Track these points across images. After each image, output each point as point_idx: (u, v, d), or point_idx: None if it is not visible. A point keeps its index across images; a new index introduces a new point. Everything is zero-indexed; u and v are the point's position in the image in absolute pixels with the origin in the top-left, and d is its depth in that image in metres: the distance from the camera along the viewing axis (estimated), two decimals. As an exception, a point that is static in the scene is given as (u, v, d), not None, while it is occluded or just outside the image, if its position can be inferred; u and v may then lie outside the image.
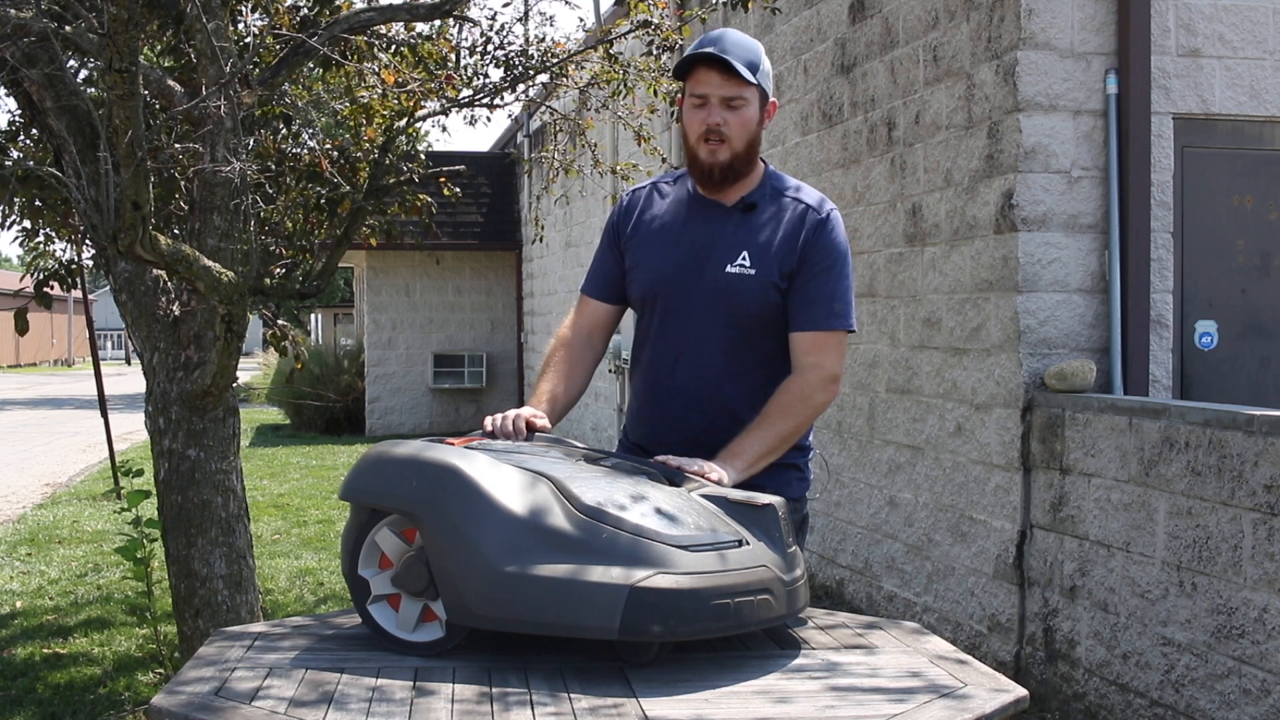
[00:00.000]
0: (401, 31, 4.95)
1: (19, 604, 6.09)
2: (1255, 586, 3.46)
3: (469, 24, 4.89)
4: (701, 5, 5.57)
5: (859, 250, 5.85)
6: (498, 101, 4.92)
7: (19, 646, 5.23)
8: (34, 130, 4.49)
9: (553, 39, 5.06)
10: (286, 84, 4.88)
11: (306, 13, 4.66)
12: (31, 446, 14.38)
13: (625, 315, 2.60)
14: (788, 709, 1.62)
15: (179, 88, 4.05)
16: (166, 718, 1.58)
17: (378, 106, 4.65)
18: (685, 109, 2.37)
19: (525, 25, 5.23)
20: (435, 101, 4.75)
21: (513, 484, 1.79)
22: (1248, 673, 3.49)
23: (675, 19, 5.28)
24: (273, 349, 5.29)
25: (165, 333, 3.98)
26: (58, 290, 5.10)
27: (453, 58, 4.96)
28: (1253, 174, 4.77)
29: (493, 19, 5.09)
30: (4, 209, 4.75)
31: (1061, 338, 4.56)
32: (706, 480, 2.05)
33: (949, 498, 5.07)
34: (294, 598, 6.08)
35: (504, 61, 4.97)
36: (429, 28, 5.14)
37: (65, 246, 5.37)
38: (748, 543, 1.83)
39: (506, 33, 5.01)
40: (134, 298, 4.01)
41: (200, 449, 3.95)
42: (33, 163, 4.61)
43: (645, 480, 1.93)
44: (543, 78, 5.18)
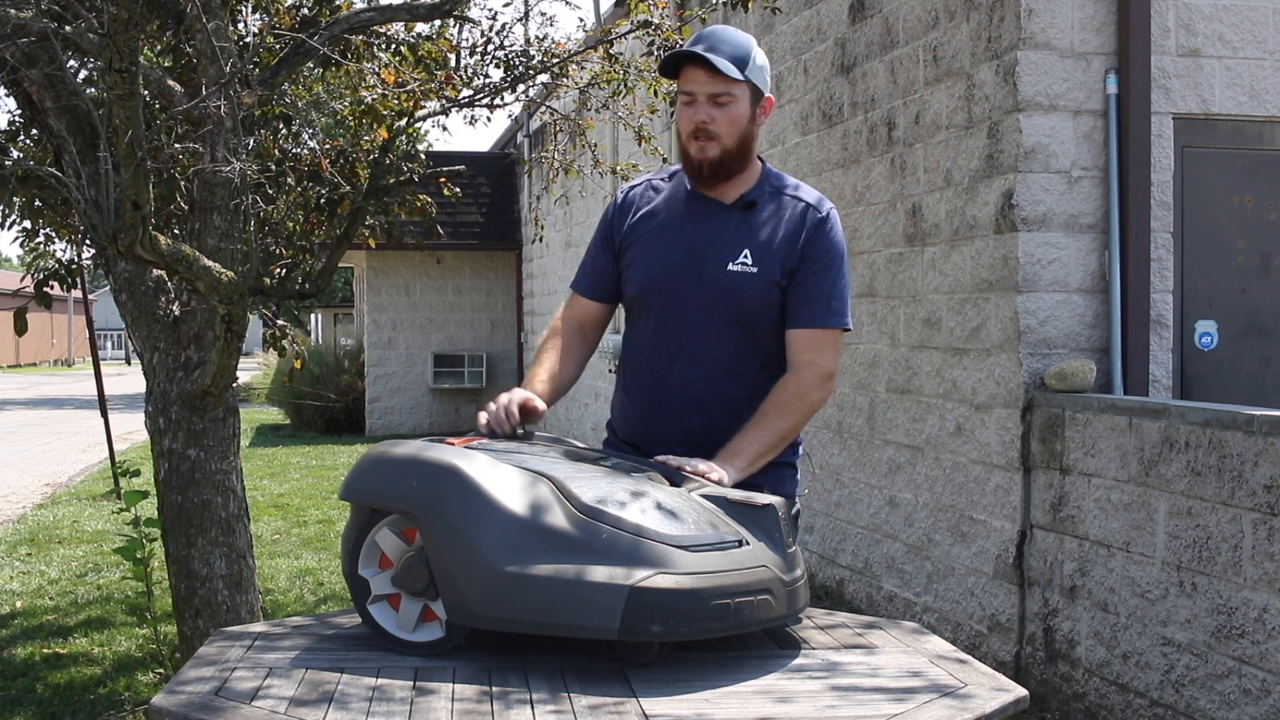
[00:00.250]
0: (401, 31, 4.95)
1: (19, 604, 6.09)
2: (1255, 586, 3.46)
3: (469, 24, 4.89)
4: (701, 5, 5.57)
5: (859, 250, 5.85)
6: (498, 101, 4.92)
7: (19, 646, 5.23)
8: (34, 130, 4.49)
9: (553, 39, 5.06)
10: (286, 84, 4.88)
11: (307, 13, 4.66)
12: (31, 446, 14.38)
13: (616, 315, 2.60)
14: (788, 709, 1.62)
15: (179, 88, 4.05)
16: (166, 718, 1.58)
17: (380, 107, 4.65)
18: (678, 107, 2.38)
19: (525, 25, 5.23)
20: (435, 101, 4.75)
21: (513, 484, 1.79)
22: (1248, 673, 3.49)
23: (675, 19, 5.28)
24: (273, 349, 5.29)
25: (165, 333, 3.98)
26: (58, 290, 5.10)
27: (453, 58, 4.96)
28: (1253, 174, 4.77)
29: (493, 19, 5.09)
30: (4, 209, 4.75)
31: (1061, 338, 4.56)
32: (707, 480, 2.05)
33: (949, 498, 5.07)
34: (294, 598, 6.08)
35: (504, 61, 4.97)
36: (429, 28, 5.14)
37: (65, 246, 5.37)
38: (748, 543, 1.83)
39: (507, 33, 5.01)
40: (134, 298, 4.01)
41: (200, 449, 3.95)
42: (33, 163, 4.61)
43: (645, 480, 1.93)
44: (543, 78, 5.18)
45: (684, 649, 1.84)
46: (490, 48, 5.00)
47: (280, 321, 5.04)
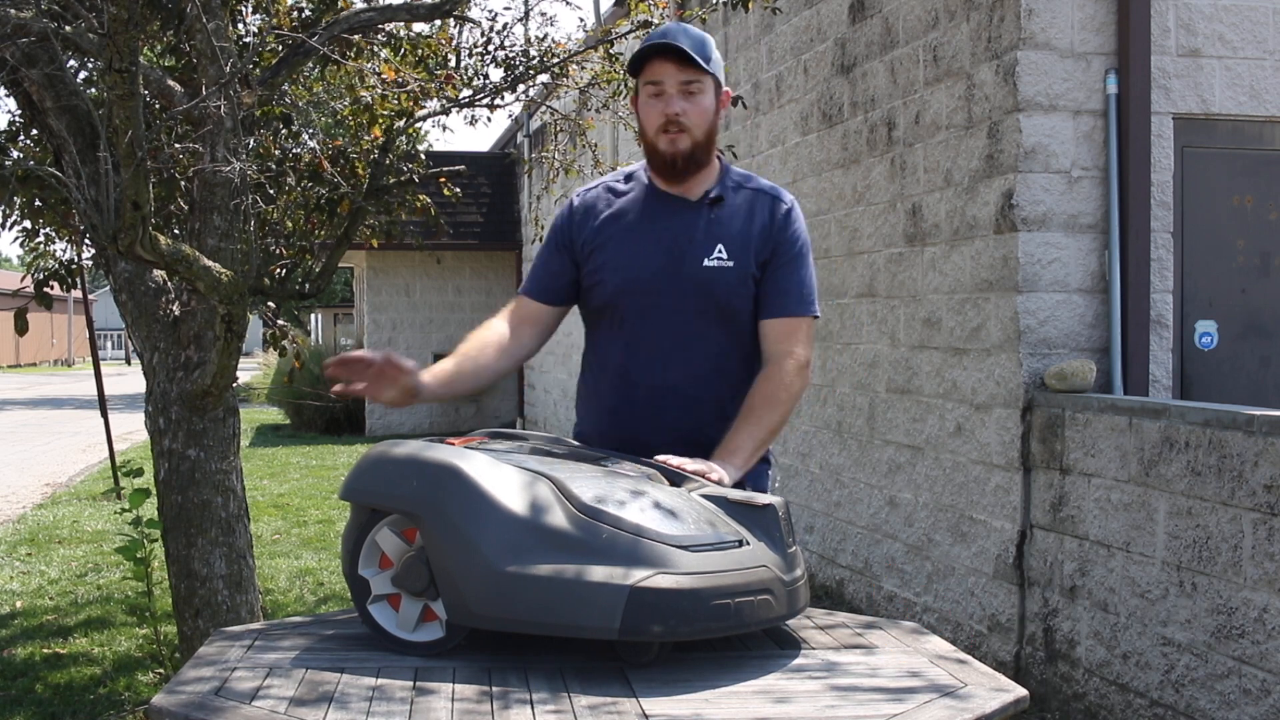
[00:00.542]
0: (401, 30, 4.95)
1: (19, 604, 6.09)
2: (1255, 586, 3.46)
3: (469, 24, 4.89)
4: (701, 5, 5.57)
5: (859, 250, 5.85)
6: (498, 101, 4.92)
7: (19, 646, 5.23)
8: (34, 130, 4.49)
9: (553, 39, 5.06)
10: (286, 84, 4.88)
11: (307, 13, 4.66)
12: (31, 446, 14.38)
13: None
14: (788, 709, 1.62)
15: (179, 88, 4.05)
16: (166, 718, 1.58)
17: (379, 106, 4.65)
18: (641, 103, 2.36)
19: (525, 25, 5.23)
20: (435, 101, 4.75)
21: (513, 484, 1.79)
22: (1248, 673, 3.49)
23: (675, 19, 5.28)
24: (273, 349, 5.29)
25: (165, 333, 3.98)
26: (58, 290, 5.10)
27: (453, 58, 4.96)
28: (1253, 174, 4.77)
29: (493, 19, 5.09)
30: (4, 209, 4.75)
31: (1061, 338, 4.56)
32: (707, 480, 2.05)
33: (949, 498, 5.07)
34: (294, 598, 6.08)
35: (504, 61, 4.97)
36: (429, 28, 5.14)
37: (65, 246, 5.37)
38: (748, 543, 1.83)
39: (507, 33, 5.01)
40: (134, 298, 4.01)
41: (200, 449, 3.95)
42: (33, 163, 4.61)
43: (645, 480, 1.93)
44: (543, 78, 5.18)
45: (684, 649, 1.84)
46: (490, 48, 5.00)
47: (280, 321, 5.05)
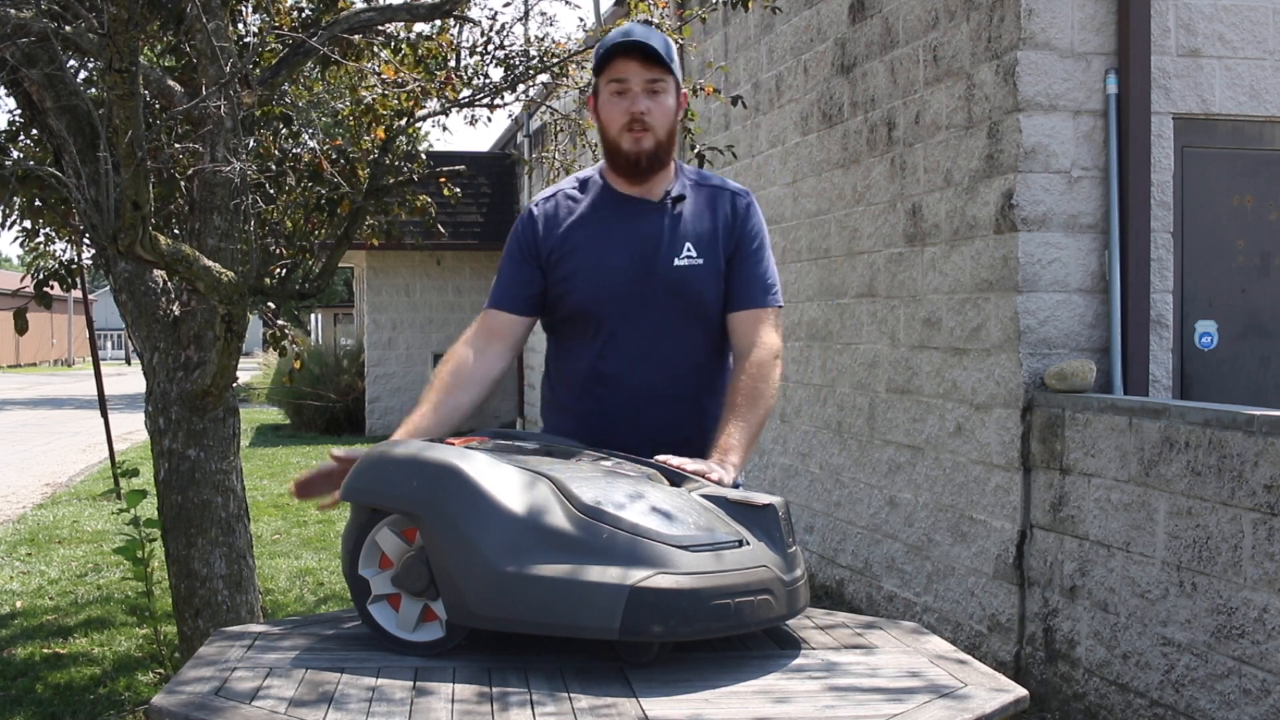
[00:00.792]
0: (401, 30, 4.95)
1: (19, 604, 6.09)
2: (1255, 586, 3.46)
3: (469, 24, 4.89)
4: (701, 5, 5.57)
5: (859, 250, 5.85)
6: (498, 101, 4.93)
7: (19, 646, 5.23)
8: (34, 130, 4.48)
9: (553, 39, 5.06)
10: (286, 84, 4.88)
11: (307, 13, 4.66)
12: (31, 446, 14.38)
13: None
14: (788, 709, 1.62)
15: (179, 88, 4.05)
16: (166, 718, 1.58)
17: (380, 106, 4.65)
18: (602, 102, 2.35)
19: (525, 25, 5.23)
20: (435, 101, 4.75)
21: (513, 484, 1.79)
22: (1248, 673, 3.49)
23: (675, 19, 5.28)
24: (273, 349, 5.29)
25: (165, 333, 3.98)
26: (58, 290, 5.10)
27: (453, 58, 4.96)
28: (1253, 174, 4.77)
29: (493, 19, 5.09)
30: (4, 209, 4.75)
31: (1061, 338, 4.56)
32: (706, 480, 2.05)
33: (949, 498, 5.07)
34: (294, 598, 6.08)
35: (504, 61, 4.97)
36: (429, 27, 5.14)
37: (65, 246, 5.37)
38: (748, 543, 1.83)
39: (507, 33, 5.01)
40: (134, 298, 4.01)
41: (200, 449, 3.95)
42: (33, 163, 4.61)
43: (645, 480, 1.93)
44: (543, 78, 5.18)
45: (684, 649, 1.84)
46: (490, 48, 5.00)
47: (280, 321, 5.04)
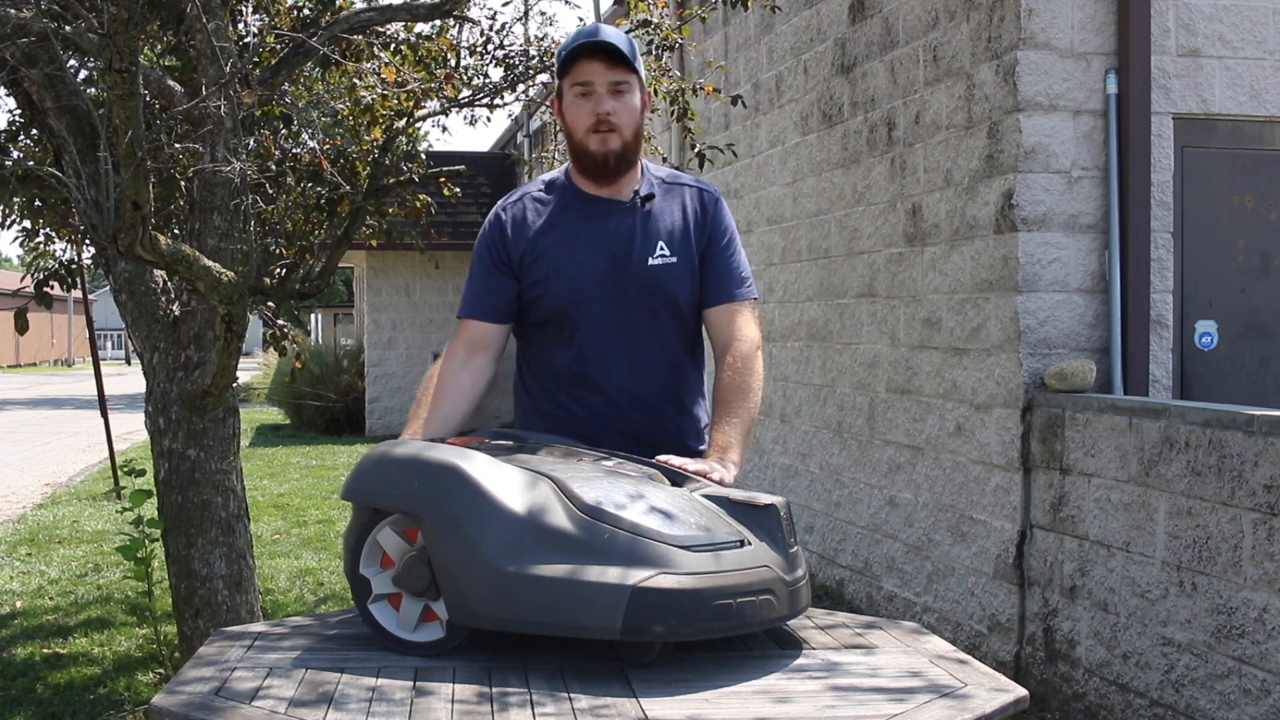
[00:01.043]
0: (401, 31, 4.95)
1: (19, 604, 6.09)
2: (1255, 586, 3.46)
3: (469, 24, 4.89)
4: (701, 5, 5.57)
5: (859, 250, 5.85)
6: (498, 101, 4.93)
7: (19, 646, 5.23)
8: (34, 130, 4.48)
9: (553, 39, 5.06)
10: (286, 84, 4.88)
11: (307, 13, 4.66)
12: (31, 446, 14.38)
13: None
14: (788, 709, 1.62)
15: (179, 88, 4.05)
16: (166, 718, 1.58)
17: (379, 107, 4.65)
18: (567, 104, 2.34)
19: (525, 25, 5.23)
20: (435, 101, 4.75)
21: (514, 484, 1.79)
22: (1248, 673, 3.49)
23: (675, 18, 5.28)
24: (273, 349, 5.29)
25: (165, 333, 3.98)
26: (58, 290, 5.10)
27: (453, 58, 4.96)
28: (1253, 174, 4.77)
29: (493, 19, 5.09)
30: (4, 209, 4.74)
31: (1061, 338, 4.56)
32: (708, 480, 2.05)
33: (949, 498, 5.07)
34: (294, 598, 6.08)
35: (504, 61, 4.97)
36: (429, 27, 5.14)
37: (65, 246, 5.37)
38: (749, 543, 1.83)
39: (507, 32, 5.01)
40: (134, 298, 4.01)
41: (200, 449, 3.95)
42: (33, 163, 4.60)
43: (646, 480, 1.93)
44: (543, 77, 5.18)
45: (685, 649, 1.84)
46: (490, 48, 5.00)
47: (280, 321, 5.04)
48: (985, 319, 4.78)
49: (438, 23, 5.07)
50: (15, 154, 4.83)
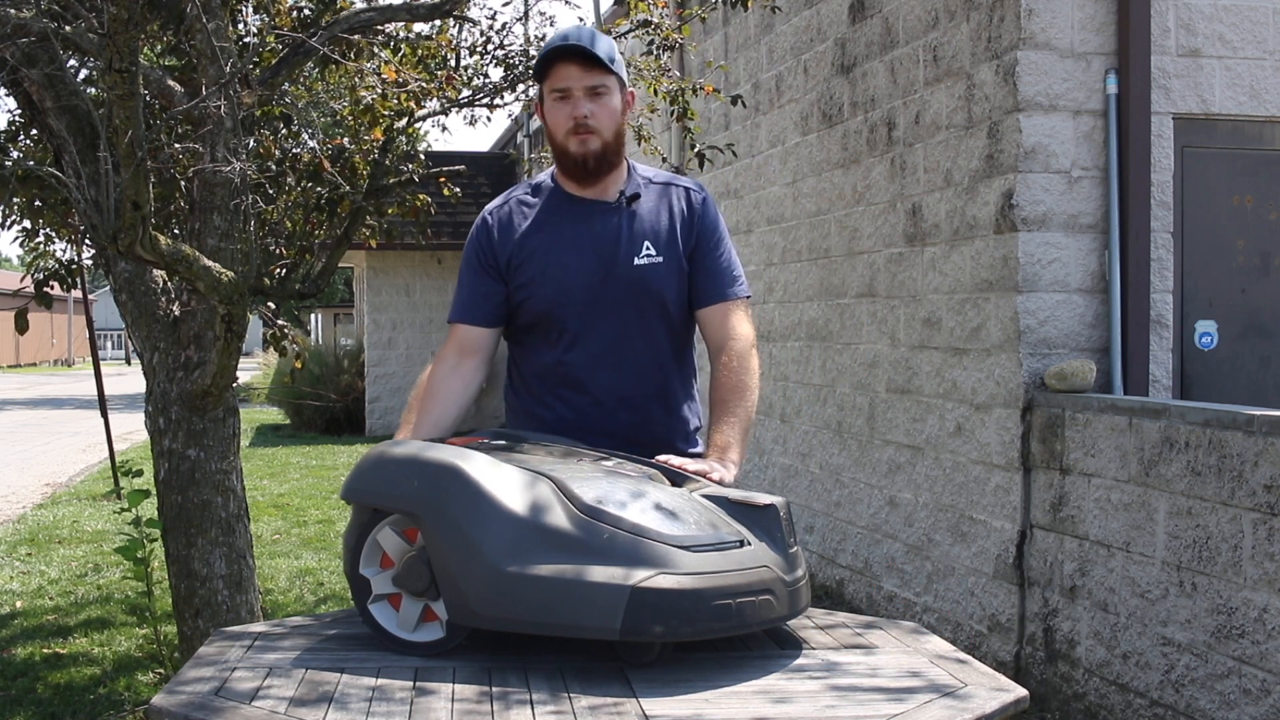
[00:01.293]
0: (401, 30, 4.95)
1: (19, 604, 6.09)
2: (1255, 586, 3.46)
3: (469, 24, 4.89)
4: (701, 5, 5.57)
5: (859, 250, 5.85)
6: (498, 101, 4.92)
7: (19, 646, 5.23)
8: (34, 130, 4.48)
9: (553, 39, 5.05)
10: (286, 84, 4.88)
11: (307, 13, 4.66)
12: (31, 446, 14.38)
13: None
14: (788, 709, 1.62)
15: (179, 88, 4.05)
16: (166, 718, 1.58)
17: (380, 107, 4.65)
18: (547, 109, 2.35)
19: (525, 25, 5.23)
20: (435, 101, 4.75)
21: (514, 484, 1.79)
22: (1248, 673, 3.49)
23: (675, 18, 5.28)
24: (273, 349, 5.29)
25: (165, 333, 3.98)
26: (58, 290, 5.10)
27: (453, 58, 4.95)
28: (1253, 174, 4.77)
29: (493, 19, 5.09)
30: (4, 209, 4.74)
31: (1061, 338, 4.56)
32: (708, 480, 2.05)
33: (949, 498, 5.07)
34: (294, 598, 6.08)
35: (504, 61, 4.97)
36: (429, 27, 5.14)
37: (65, 246, 5.37)
38: (749, 543, 1.83)
39: (506, 32, 5.01)
40: (134, 298, 4.01)
41: (200, 449, 3.95)
42: (33, 163, 4.60)
43: (646, 480, 1.93)
44: (543, 78, 5.17)
45: (685, 649, 1.84)
46: (490, 48, 5.00)
47: (280, 321, 5.04)
48: (985, 319, 4.78)
49: (438, 23, 5.07)
50: (15, 154, 4.83)
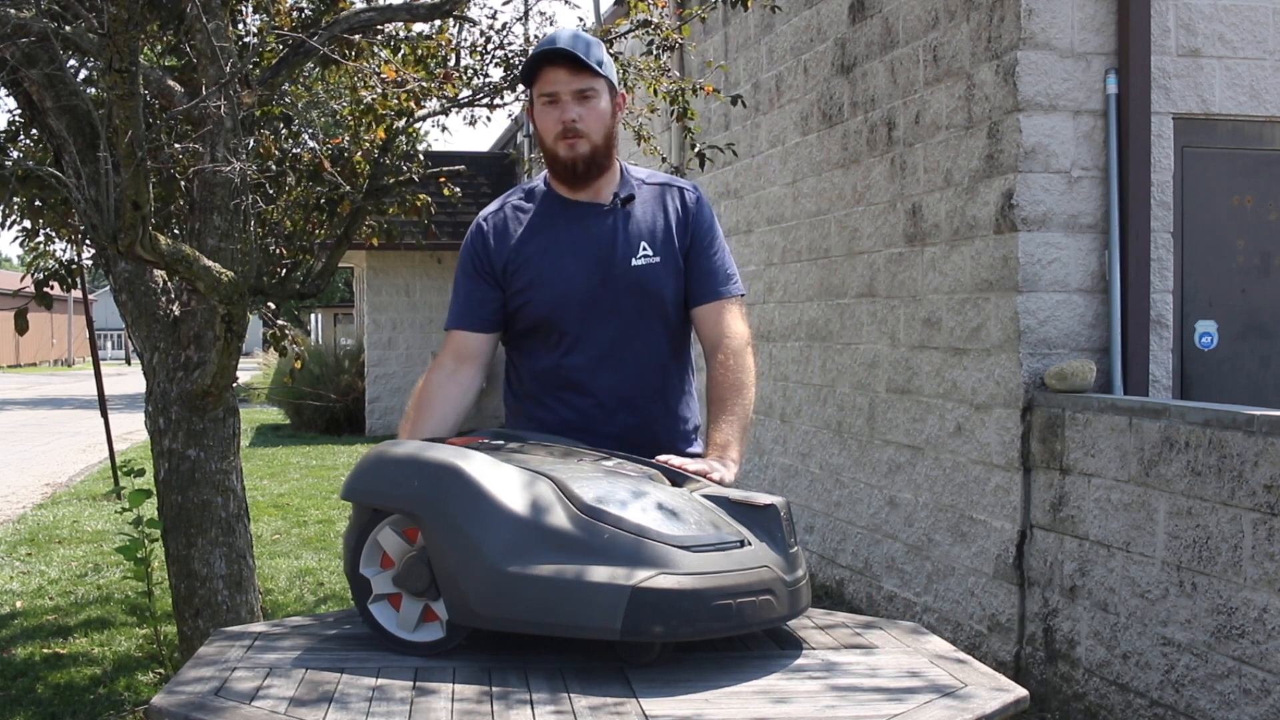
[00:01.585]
0: (401, 30, 4.95)
1: (19, 604, 6.09)
2: (1255, 586, 3.46)
3: (469, 24, 4.89)
4: (701, 5, 5.57)
5: (859, 250, 5.85)
6: (498, 101, 4.92)
7: (19, 646, 5.23)
8: (34, 130, 4.48)
9: (553, 39, 5.04)
10: (286, 84, 4.88)
11: (307, 13, 4.66)
12: (31, 446, 14.38)
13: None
14: (788, 709, 1.62)
15: (179, 88, 4.05)
16: (166, 718, 1.58)
17: (380, 106, 4.65)
18: (537, 113, 2.35)
19: (525, 25, 5.23)
20: (435, 101, 4.75)
21: (514, 483, 1.79)
22: (1248, 673, 3.49)
23: (675, 18, 5.28)
24: (273, 349, 5.29)
25: (165, 333, 3.98)
26: (58, 290, 5.10)
27: (453, 58, 4.95)
28: (1253, 174, 4.77)
29: (493, 18, 5.10)
30: (4, 209, 4.74)
31: (1061, 338, 4.56)
32: (708, 480, 2.05)
33: (949, 498, 5.07)
34: (294, 598, 6.08)
35: (504, 61, 4.97)
36: (429, 27, 5.14)
37: (65, 246, 5.37)
38: (749, 543, 1.83)
39: (506, 32, 5.01)
40: (134, 298, 4.01)
41: (200, 449, 3.95)
42: (33, 163, 4.60)
43: (647, 480, 1.93)
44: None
45: (685, 649, 1.84)
46: (490, 47, 5.00)
47: (280, 321, 5.04)
48: (985, 319, 4.78)
49: (438, 22, 5.07)
50: (15, 154, 4.83)
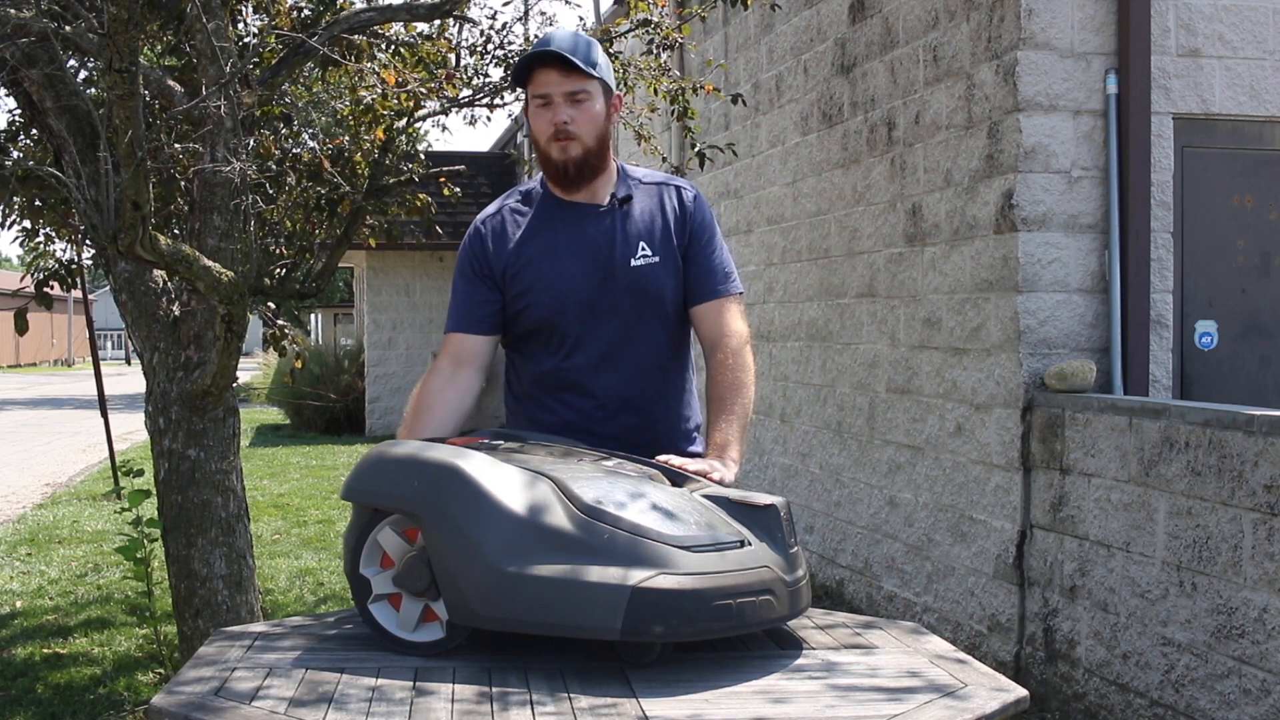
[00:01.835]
0: (401, 31, 4.95)
1: (19, 604, 6.09)
2: (1255, 586, 3.46)
3: (469, 24, 4.89)
4: (701, 4, 5.57)
5: (859, 250, 5.85)
6: (498, 101, 4.92)
7: (19, 646, 5.23)
8: (34, 130, 4.49)
9: (553, 39, 5.04)
10: (286, 84, 4.88)
11: (307, 13, 4.66)
12: (31, 446, 14.38)
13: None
14: (788, 709, 1.62)
15: (179, 88, 4.05)
16: (166, 718, 1.58)
17: (380, 107, 4.65)
18: (530, 115, 2.35)
19: (525, 25, 5.23)
20: (435, 101, 4.75)
21: (514, 483, 1.79)
22: (1248, 673, 3.49)
23: (675, 18, 5.28)
24: (273, 349, 5.29)
25: (165, 333, 3.98)
26: (58, 290, 5.10)
27: (453, 58, 4.95)
28: (1253, 174, 4.77)
29: (493, 18, 5.09)
30: (4, 209, 4.75)
31: (1061, 338, 4.56)
32: (708, 480, 2.05)
33: (949, 498, 5.07)
34: (294, 598, 6.08)
35: (504, 61, 4.97)
36: (429, 27, 5.14)
37: (65, 246, 5.37)
38: (750, 543, 1.83)
39: (507, 32, 5.01)
40: (134, 298, 4.01)
41: (200, 449, 3.95)
42: (33, 163, 4.61)
43: (646, 480, 1.93)
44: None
45: (685, 649, 1.84)
46: (490, 47, 5.00)
47: (280, 321, 5.04)
48: (985, 319, 4.78)
49: (438, 23, 5.07)
50: (15, 154, 4.83)
